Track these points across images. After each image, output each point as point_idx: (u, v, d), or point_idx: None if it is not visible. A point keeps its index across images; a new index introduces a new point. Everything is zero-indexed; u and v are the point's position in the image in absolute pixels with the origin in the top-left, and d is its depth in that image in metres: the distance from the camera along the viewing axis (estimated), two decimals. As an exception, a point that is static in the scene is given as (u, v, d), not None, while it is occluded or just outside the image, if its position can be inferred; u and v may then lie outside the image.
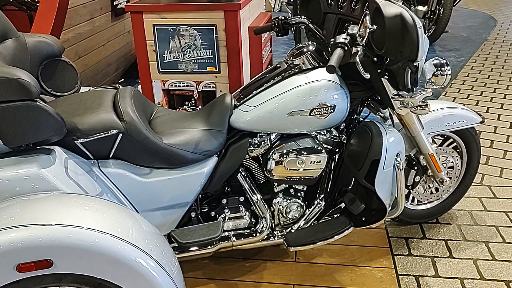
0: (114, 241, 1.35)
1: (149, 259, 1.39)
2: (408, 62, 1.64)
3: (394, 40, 1.60)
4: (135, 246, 1.38)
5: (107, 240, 1.34)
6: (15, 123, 1.44)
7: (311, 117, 1.84)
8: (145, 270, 1.37)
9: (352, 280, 2.08)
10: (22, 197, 1.43)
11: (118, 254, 1.35)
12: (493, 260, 2.18)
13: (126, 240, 1.37)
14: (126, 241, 1.37)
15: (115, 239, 1.36)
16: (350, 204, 1.96)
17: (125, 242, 1.37)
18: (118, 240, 1.36)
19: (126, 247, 1.36)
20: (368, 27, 1.51)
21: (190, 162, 1.82)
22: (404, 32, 1.58)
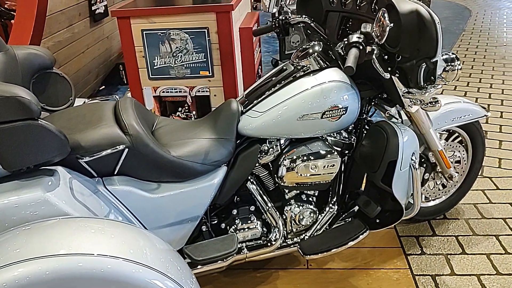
0: (127, 265, 1.26)
1: (167, 279, 1.30)
2: (426, 59, 1.59)
3: (410, 37, 1.55)
4: (151, 268, 1.29)
5: (120, 265, 1.25)
6: (15, 145, 1.32)
7: (323, 120, 1.77)
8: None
9: (369, 284, 2.03)
10: (26, 226, 1.31)
11: (133, 279, 1.25)
12: (506, 253, 2.16)
13: (140, 262, 1.28)
14: (140, 263, 1.28)
15: (129, 263, 1.26)
16: (365, 207, 1.91)
17: (139, 265, 1.27)
18: (131, 264, 1.26)
19: (141, 270, 1.27)
20: (387, 25, 1.45)
21: (200, 174, 1.73)
22: (422, 29, 1.52)
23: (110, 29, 4.57)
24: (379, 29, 1.48)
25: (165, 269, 1.31)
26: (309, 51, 1.86)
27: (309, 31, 2.20)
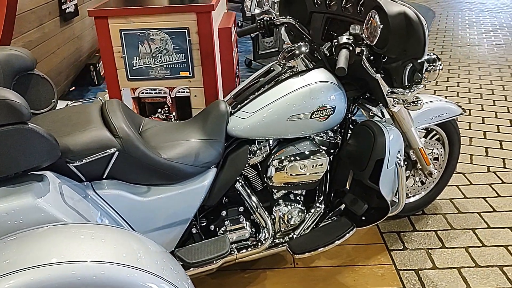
0: (122, 270, 1.23)
1: (163, 282, 1.28)
2: (413, 60, 1.64)
3: (398, 38, 1.59)
4: (145, 271, 1.27)
5: (114, 270, 1.22)
6: (5, 150, 1.28)
7: (312, 120, 1.79)
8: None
9: (355, 280, 2.07)
10: (15, 235, 1.27)
11: (129, 283, 1.23)
12: (483, 246, 2.25)
13: (134, 266, 1.26)
14: (135, 267, 1.26)
15: (123, 268, 1.24)
16: (352, 205, 1.94)
17: (134, 269, 1.25)
18: (126, 268, 1.24)
19: (136, 274, 1.25)
20: (378, 26, 1.48)
21: (190, 176, 1.72)
22: (409, 30, 1.57)
23: (80, 28, 4.46)
24: (369, 31, 1.52)
25: (161, 272, 1.30)
26: (296, 52, 1.88)
27: (292, 32, 2.22)
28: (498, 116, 3.62)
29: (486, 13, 7.11)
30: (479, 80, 4.38)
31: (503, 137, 3.28)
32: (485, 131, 3.37)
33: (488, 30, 6.10)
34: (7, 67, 1.68)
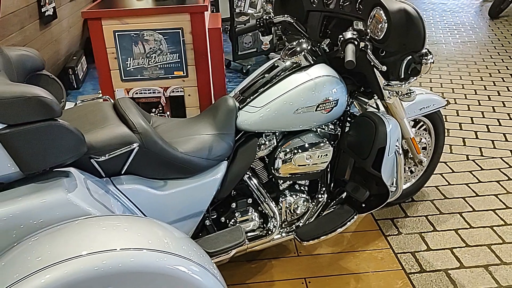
0: (151, 254, 1.27)
1: (192, 264, 1.33)
2: (412, 53, 1.76)
3: (398, 33, 1.70)
4: (174, 254, 1.31)
5: (144, 256, 1.26)
6: (36, 146, 1.30)
7: (317, 112, 1.89)
8: (190, 277, 1.31)
9: (357, 265, 2.18)
10: (45, 231, 1.30)
11: (159, 267, 1.26)
12: (471, 228, 2.41)
13: (162, 250, 1.30)
14: (163, 251, 1.30)
15: (152, 252, 1.27)
16: (355, 193, 2.05)
17: (163, 253, 1.30)
18: (155, 253, 1.28)
19: (165, 258, 1.28)
20: (384, 22, 1.59)
21: (204, 169, 1.78)
22: (410, 26, 1.69)
23: (58, 31, 4.41)
24: (375, 26, 1.62)
25: (188, 255, 1.34)
26: (297, 49, 1.97)
27: (287, 30, 2.31)
28: (470, 108, 3.83)
29: (448, 13, 7.44)
30: (449, 76, 4.61)
31: (477, 128, 3.49)
32: (460, 123, 3.57)
33: (452, 29, 6.40)
34: (19, 67, 1.69)
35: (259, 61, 5.27)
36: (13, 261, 1.21)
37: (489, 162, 3.02)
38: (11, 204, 1.29)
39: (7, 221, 1.28)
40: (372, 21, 1.65)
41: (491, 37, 5.86)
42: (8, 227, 1.28)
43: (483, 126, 3.51)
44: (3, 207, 1.28)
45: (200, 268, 1.34)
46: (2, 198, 1.31)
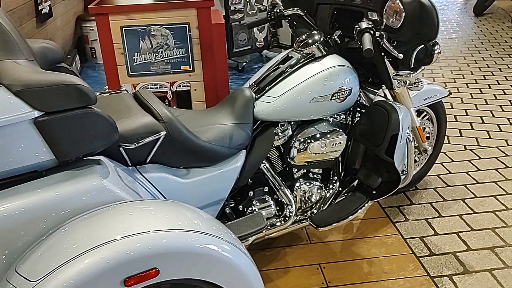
0: (183, 234, 1.30)
1: (223, 242, 1.36)
2: (425, 42, 1.83)
3: (412, 23, 1.77)
4: (205, 233, 1.33)
5: (176, 236, 1.28)
6: (72, 134, 1.33)
7: (332, 101, 1.94)
8: (222, 254, 1.33)
9: (369, 250, 2.25)
10: (82, 216, 1.32)
11: (192, 247, 1.29)
12: (474, 213, 2.50)
13: (194, 230, 1.33)
14: (195, 230, 1.33)
15: (184, 232, 1.30)
16: (367, 179, 2.11)
17: (195, 233, 1.32)
18: (187, 233, 1.30)
19: (197, 238, 1.30)
20: (402, 11, 1.65)
21: (226, 157, 1.82)
22: (423, 15, 1.75)
23: (53, 30, 4.39)
24: (391, 16, 1.69)
25: (218, 234, 1.38)
26: (309, 40, 2.02)
27: (296, 23, 2.36)
28: (464, 101, 3.95)
29: (434, 10, 7.60)
30: (441, 71, 4.72)
31: (472, 119, 3.60)
32: (455, 115, 3.68)
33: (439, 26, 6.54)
34: (42, 58, 1.71)
35: (253, 58, 5.32)
36: (50, 249, 1.24)
37: (486, 151, 3.12)
38: (48, 190, 1.31)
39: (44, 208, 1.30)
40: (388, 11, 1.72)
41: (477, 33, 6.02)
42: (45, 213, 1.30)
43: (478, 118, 3.62)
44: (41, 194, 1.30)
45: (231, 246, 1.38)
46: (38, 185, 1.33)
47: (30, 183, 1.34)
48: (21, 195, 1.29)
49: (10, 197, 1.28)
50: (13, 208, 1.26)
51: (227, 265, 1.36)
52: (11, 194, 1.29)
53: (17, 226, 1.26)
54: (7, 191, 1.31)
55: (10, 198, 1.28)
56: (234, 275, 1.38)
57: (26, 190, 1.31)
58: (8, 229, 1.26)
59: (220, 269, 1.36)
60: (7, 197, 1.28)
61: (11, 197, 1.28)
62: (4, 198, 1.27)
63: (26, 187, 1.33)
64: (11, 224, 1.25)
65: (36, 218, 1.29)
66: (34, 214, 1.29)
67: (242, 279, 1.39)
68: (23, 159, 1.30)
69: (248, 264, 1.42)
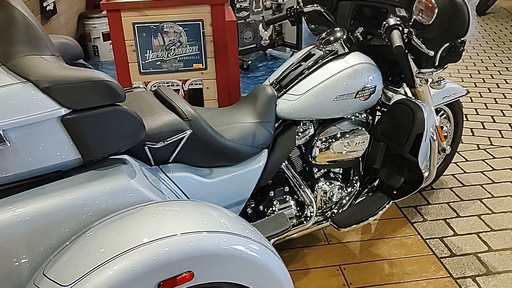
0: (212, 236, 1.25)
1: (251, 242, 1.32)
2: (454, 39, 1.79)
3: (442, 19, 1.73)
4: (233, 234, 1.29)
5: (204, 238, 1.24)
6: (100, 132, 1.28)
7: (356, 99, 1.90)
8: (250, 255, 1.30)
9: (388, 251, 2.21)
10: (108, 219, 1.28)
11: (220, 248, 1.25)
12: (493, 213, 2.47)
13: (222, 231, 1.29)
14: (223, 232, 1.28)
15: (212, 234, 1.26)
16: (389, 179, 2.07)
17: (223, 234, 1.28)
18: (215, 234, 1.26)
19: (225, 239, 1.26)
20: (435, 7, 1.62)
21: (249, 156, 1.78)
22: (454, 11, 1.72)
23: (57, 27, 4.32)
24: (423, 12, 1.65)
25: (246, 233, 1.34)
26: (331, 38, 1.98)
27: (313, 19, 2.32)
28: (473, 100, 3.92)
29: (436, 9, 7.58)
30: (447, 70, 4.69)
31: (483, 119, 3.57)
32: (466, 114, 3.65)
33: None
34: (62, 54, 1.65)
35: (258, 56, 5.28)
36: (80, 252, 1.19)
37: (499, 151, 3.10)
38: (75, 191, 1.27)
39: (71, 209, 1.25)
40: (418, 6, 1.68)
41: (481, 32, 6.00)
42: (72, 214, 1.25)
43: (489, 117, 3.60)
44: (67, 195, 1.25)
45: (259, 245, 1.34)
46: (63, 186, 1.28)
47: (55, 184, 1.30)
48: (47, 196, 1.24)
49: (35, 198, 1.23)
50: (39, 210, 1.21)
51: (260, 267, 1.32)
52: (36, 195, 1.24)
53: (42, 228, 1.22)
54: (31, 192, 1.26)
55: (36, 199, 1.23)
56: (267, 277, 1.34)
57: (51, 191, 1.26)
58: (33, 231, 1.21)
59: (253, 271, 1.32)
60: (32, 198, 1.23)
61: (36, 198, 1.23)
62: (29, 199, 1.23)
63: (51, 187, 1.28)
64: (37, 226, 1.21)
65: (62, 220, 1.24)
66: (60, 215, 1.24)
67: (274, 281, 1.36)
68: (49, 158, 1.25)
69: (279, 265, 1.38)
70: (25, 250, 1.21)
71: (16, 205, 1.19)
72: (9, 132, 1.17)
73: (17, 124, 1.17)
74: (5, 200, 1.22)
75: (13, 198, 1.22)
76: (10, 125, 1.16)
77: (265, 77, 4.67)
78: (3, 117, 1.15)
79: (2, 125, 1.15)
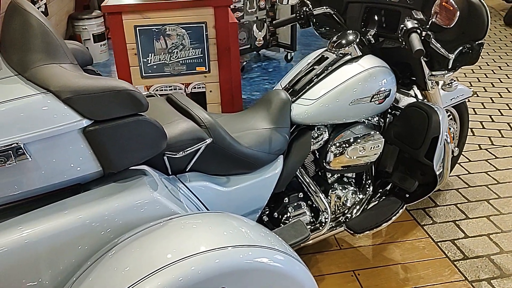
0: (236, 251, 1.21)
1: (276, 253, 1.27)
2: (471, 42, 1.77)
3: (460, 22, 1.71)
4: (258, 247, 1.24)
5: (229, 254, 1.19)
6: (122, 143, 1.22)
7: (371, 103, 1.88)
8: (277, 266, 1.25)
9: (401, 255, 2.19)
10: (133, 235, 1.22)
11: (245, 263, 1.20)
12: (501, 214, 2.47)
13: (247, 245, 1.24)
14: (248, 245, 1.24)
15: (237, 249, 1.21)
16: (402, 183, 2.05)
17: (247, 247, 1.22)
18: (240, 249, 1.21)
19: (250, 252, 1.21)
20: (456, 10, 1.59)
21: (266, 163, 1.74)
22: (472, 13, 1.70)
23: (48, 29, 4.21)
24: (443, 15, 1.62)
25: (271, 244, 1.29)
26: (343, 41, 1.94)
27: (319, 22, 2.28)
28: (470, 100, 3.94)
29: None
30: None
31: (482, 118, 3.59)
32: (465, 114, 3.66)
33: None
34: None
35: (251, 57, 5.24)
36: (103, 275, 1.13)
37: (501, 151, 3.11)
38: (98, 205, 1.21)
39: (93, 225, 1.19)
40: (437, 9, 1.66)
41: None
42: (95, 230, 1.20)
43: (487, 116, 3.62)
44: (90, 210, 1.20)
45: (285, 255, 1.30)
46: (85, 200, 1.23)
47: (75, 198, 1.24)
48: (69, 211, 1.18)
49: (57, 213, 1.17)
50: (63, 226, 1.15)
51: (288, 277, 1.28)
52: (58, 210, 1.19)
53: (65, 245, 1.16)
54: (52, 207, 1.20)
55: (58, 214, 1.17)
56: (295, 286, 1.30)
57: (72, 206, 1.21)
58: (55, 248, 1.15)
59: (282, 281, 1.27)
60: (54, 213, 1.18)
61: (58, 213, 1.18)
62: (51, 215, 1.17)
63: (72, 202, 1.22)
64: (59, 243, 1.15)
65: (84, 236, 1.19)
66: (82, 231, 1.18)
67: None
68: (69, 171, 1.20)
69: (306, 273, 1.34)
70: (46, 269, 1.16)
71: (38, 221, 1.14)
72: (29, 146, 1.11)
73: (38, 137, 1.11)
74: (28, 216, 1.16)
75: (36, 213, 1.17)
76: (30, 139, 1.10)
77: (260, 79, 4.63)
78: (23, 130, 1.09)
79: (22, 139, 1.09)
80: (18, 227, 1.13)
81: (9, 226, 1.13)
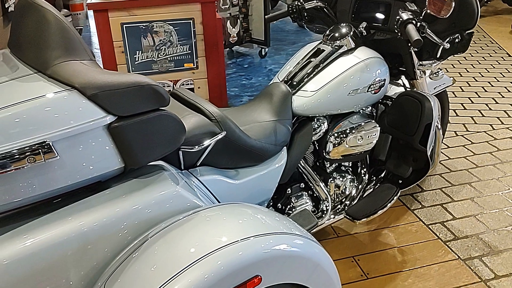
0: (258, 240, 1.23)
1: (296, 237, 1.29)
2: (461, 31, 1.86)
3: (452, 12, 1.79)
4: (278, 233, 1.26)
5: (253, 244, 1.22)
6: (145, 139, 1.23)
7: (368, 93, 1.94)
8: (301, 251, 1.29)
9: (397, 239, 2.28)
10: (159, 231, 1.23)
11: (268, 251, 1.21)
12: (483, 196, 2.60)
13: (268, 232, 1.26)
14: (269, 233, 1.26)
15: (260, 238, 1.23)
16: (397, 169, 2.13)
17: (269, 235, 1.24)
18: (262, 237, 1.23)
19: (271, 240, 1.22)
20: (452, 1, 1.67)
21: (272, 155, 1.77)
22: (463, 4, 1.78)
23: (17, 30, 4.07)
24: (438, 6, 1.70)
25: (290, 229, 1.31)
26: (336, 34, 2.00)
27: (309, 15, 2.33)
28: (441, 89, 4.10)
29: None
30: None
31: (455, 107, 3.75)
32: (438, 103, 3.81)
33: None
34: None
35: (225, 54, 5.24)
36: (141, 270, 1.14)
37: (476, 136, 3.27)
38: (123, 202, 1.21)
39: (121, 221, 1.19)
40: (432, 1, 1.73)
41: None
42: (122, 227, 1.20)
43: (459, 104, 3.79)
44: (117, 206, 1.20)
45: (304, 239, 1.32)
46: (110, 197, 1.22)
47: (100, 195, 1.23)
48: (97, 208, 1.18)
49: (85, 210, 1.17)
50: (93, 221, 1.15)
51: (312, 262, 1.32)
52: (85, 207, 1.18)
53: (92, 243, 1.15)
54: (78, 205, 1.19)
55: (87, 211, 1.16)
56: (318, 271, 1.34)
57: (99, 203, 1.20)
58: (85, 247, 1.15)
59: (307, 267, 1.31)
60: (82, 210, 1.17)
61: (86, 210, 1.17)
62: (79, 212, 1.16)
63: (98, 199, 1.22)
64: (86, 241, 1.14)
65: (114, 233, 1.19)
66: (111, 228, 1.18)
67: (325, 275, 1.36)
68: (92, 168, 1.19)
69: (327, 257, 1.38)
70: (76, 268, 1.15)
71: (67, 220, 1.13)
72: (56, 144, 1.10)
73: (65, 135, 1.10)
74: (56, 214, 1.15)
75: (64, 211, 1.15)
76: (58, 136, 1.09)
77: (237, 75, 4.65)
78: (51, 128, 1.08)
79: (51, 137, 1.08)
80: (46, 227, 1.12)
81: (38, 226, 1.11)
